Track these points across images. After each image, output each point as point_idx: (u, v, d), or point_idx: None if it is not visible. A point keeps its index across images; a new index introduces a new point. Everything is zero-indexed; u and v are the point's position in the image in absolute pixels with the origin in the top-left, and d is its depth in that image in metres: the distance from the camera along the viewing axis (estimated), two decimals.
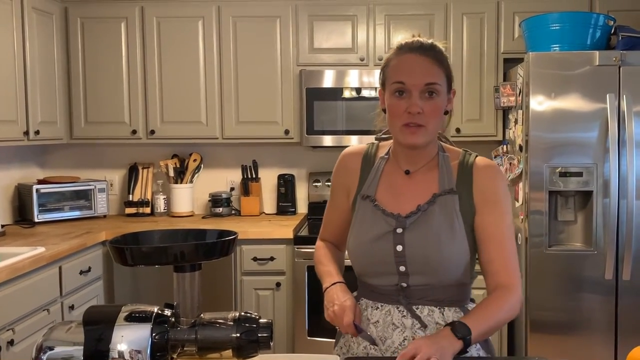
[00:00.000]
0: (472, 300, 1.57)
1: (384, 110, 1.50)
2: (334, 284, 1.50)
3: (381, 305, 1.53)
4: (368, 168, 1.58)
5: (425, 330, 1.48)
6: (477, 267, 1.55)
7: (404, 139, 1.46)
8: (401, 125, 1.44)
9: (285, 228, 3.37)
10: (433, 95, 1.42)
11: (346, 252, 1.67)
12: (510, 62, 3.49)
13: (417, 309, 1.50)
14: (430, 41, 1.49)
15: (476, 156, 1.56)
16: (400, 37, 1.70)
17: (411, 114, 1.42)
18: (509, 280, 1.45)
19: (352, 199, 1.59)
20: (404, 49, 1.47)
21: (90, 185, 3.71)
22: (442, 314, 1.50)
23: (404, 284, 1.49)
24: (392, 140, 1.58)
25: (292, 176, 3.87)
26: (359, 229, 1.53)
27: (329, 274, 1.56)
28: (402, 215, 1.48)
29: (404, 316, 1.50)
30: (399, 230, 1.47)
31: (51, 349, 1.21)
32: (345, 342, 1.59)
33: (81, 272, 3.01)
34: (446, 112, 1.50)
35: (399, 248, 1.47)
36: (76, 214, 3.66)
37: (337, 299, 1.45)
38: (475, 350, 1.49)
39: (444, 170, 1.52)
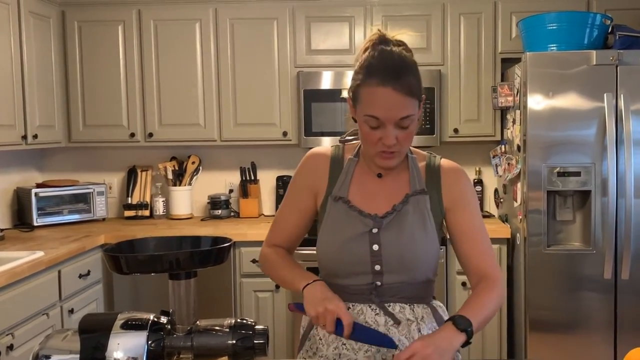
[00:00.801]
0: (434, 297, 1.62)
1: (354, 120, 1.50)
2: (315, 281, 1.48)
3: (352, 305, 1.53)
4: (337, 170, 1.59)
5: (398, 327, 1.51)
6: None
7: (379, 162, 1.50)
8: (375, 151, 1.47)
9: None
10: (407, 124, 1.42)
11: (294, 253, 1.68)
12: (508, 62, 3.49)
13: (389, 306, 1.52)
14: (400, 52, 1.44)
15: (441, 158, 1.61)
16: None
17: (386, 145, 1.43)
18: (491, 273, 1.52)
19: (320, 200, 1.58)
20: (375, 76, 1.40)
21: (89, 188, 3.71)
22: (413, 310, 1.53)
23: (378, 283, 1.51)
24: (358, 142, 1.59)
25: (291, 178, 3.86)
26: (332, 230, 1.54)
27: (301, 275, 1.52)
28: (379, 216, 1.51)
29: (377, 314, 1.52)
30: (375, 230, 1.50)
31: (47, 357, 1.21)
32: (312, 345, 1.58)
33: (80, 276, 3.01)
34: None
35: (375, 247, 1.50)
36: (75, 217, 3.66)
37: (326, 297, 1.42)
38: None
39: (414, 171, 1.56)
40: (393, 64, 1.42)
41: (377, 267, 1.50)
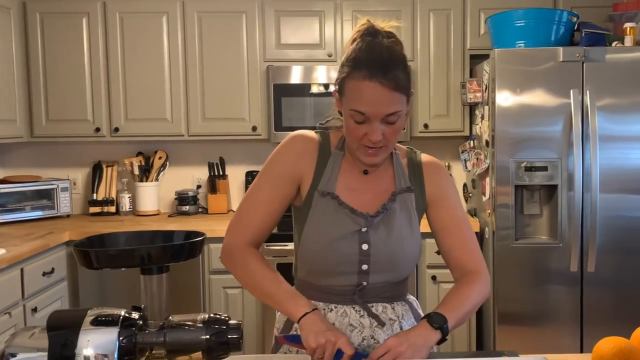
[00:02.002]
0: (407, 293, 1.60)
1: (340, 113, 1.46)
2: (313, 310, 1.39)
3: (335, 307, 1.49)
4: (324, 160, 1.50)
5: (382, 328, 1.48)
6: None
7: (364, 159, 1.44)
8: (360, 145, 1.41)
9: None
10: (394, 120, 1.38)
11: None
12: (477, 58, 3.52)
13: (372, 307, 1.50)
14: (389, 44, 1.39)
15: (421, 154, 1.59)
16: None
17: (371, 141, 1.38)
18: (475, 266, 1.50)
19: (305, 191, 1.49)
20: (362, 69, 1.35)
21: (52, 184, 3.62)
22: (394, 309, 1.52)
23: (365, 283, 1.48)
24: (341, 132, 1.51)
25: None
26: (320, 227, 1.46)
27: (294, 298, 1.43)
28: (371, 215, 1.47)
29: (362, 316, 1.48)
30: (364, 229, 1.46)
31: (14, 355, 1.17)
32: (290, 348, 1.53)
33: (44, 274, 2.93)
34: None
35: (365, 247, 1.45)
36: (38, 214, 3.57)
37: (329, 329, 1.35)
38: None
39: (398, 168, 1.54)
40: (381, 58, 1.35)
41: (364, 267, 1.46)
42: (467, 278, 1.48)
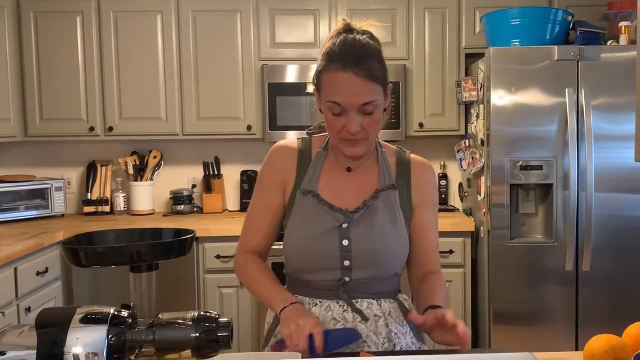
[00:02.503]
0: (400, 291, 1.62)
1: (321, 111, 1.48)
2: (292, 304, 1.45)
3: (320, 302, 1.52)
4: (306, 163, 1.55)
5: (366, 324, 1.50)
6: None
7: (345, 151, 1.47)
8: (341, 138, 1.45)
9: None
10: (371, 110, 1.40)
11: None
12: (472, 57, 3.51)
13: (357, 302, 1.51)
14: (363, 39, 1.42)
15: (410, 154, 1.61)
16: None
17: (350, 132, 1.41)
18: (438, 269, 1.57)
19: (289, 194, 1.55)
20: (336, 62, 1.39)
21: (46, 184, 3.60)
22: (380, 306, 1.53)
23: (347, 279, 1.50)
24: (326, 135, 1.56)
25: (256, 172, 3.83)
26: (302, 224, 1.51)
27: (280, 296, 1.49)
28: (350, 211, 1.49)
29: (345, 310, 1.50)
30: (345, 226, 1.48)
31: (3, 354, 1.16)
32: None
33: (38, 274, 2.92)
34: (384, 110, 1.48)
35: (345, 243, 1.48)
36: (32, 213, 3.55)
37: (299, 314, 1.40)
38: (409, 338, 1.54)
39: (384, 166, 1.55)
40: (354, 50, 1.40)
41: (347, 263, 1.49)
42: (434, 278, 1.53)
